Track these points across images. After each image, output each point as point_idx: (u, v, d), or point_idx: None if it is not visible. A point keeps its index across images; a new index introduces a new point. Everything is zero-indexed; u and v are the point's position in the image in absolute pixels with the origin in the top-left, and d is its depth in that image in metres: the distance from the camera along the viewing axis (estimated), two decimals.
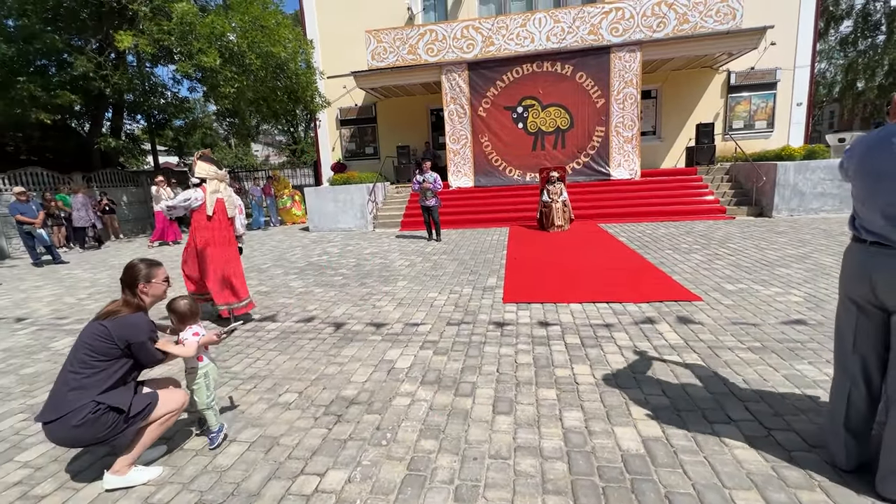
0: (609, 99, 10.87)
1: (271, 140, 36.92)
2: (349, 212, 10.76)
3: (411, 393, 2.76)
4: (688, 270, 5.26)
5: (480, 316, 4.10)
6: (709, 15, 10.26)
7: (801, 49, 11.88)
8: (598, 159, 11.21)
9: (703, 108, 12.57)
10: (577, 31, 10.78)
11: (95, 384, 1.97)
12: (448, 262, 6.43)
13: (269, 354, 3.51)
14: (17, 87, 10.46)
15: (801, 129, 12.31)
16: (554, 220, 8.51)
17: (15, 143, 14.32)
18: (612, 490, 1.85)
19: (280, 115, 13.88)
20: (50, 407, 1.94)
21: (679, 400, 2.50)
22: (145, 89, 12.39)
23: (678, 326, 3.59)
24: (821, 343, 3.13)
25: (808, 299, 4.05)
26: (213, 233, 4.20)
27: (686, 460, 2.01)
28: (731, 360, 2.96)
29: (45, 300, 5.76)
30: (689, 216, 9.39)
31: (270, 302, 4.97)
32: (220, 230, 4.25)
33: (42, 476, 2.18)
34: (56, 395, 1.96)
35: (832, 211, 8.84)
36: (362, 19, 12.64)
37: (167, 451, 2.31)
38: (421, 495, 1.88)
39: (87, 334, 2.03)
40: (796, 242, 6.50)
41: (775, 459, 1.98)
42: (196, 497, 1.96)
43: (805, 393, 2.51)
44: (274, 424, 2.50)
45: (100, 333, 2.01)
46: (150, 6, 10.05)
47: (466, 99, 11.44)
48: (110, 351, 2.02)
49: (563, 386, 2.74)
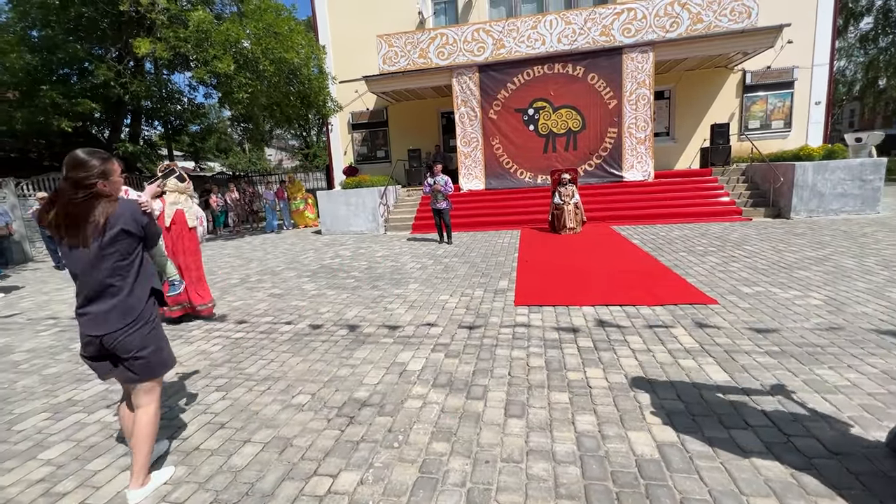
0: (621, 100, 10.78)
1: (284, 144, 37.41)
2: (361, 215, 10.84)
3: (423, 395, 2.76)
4: (703, 273, 5.17)
5: (492, 319, 4.09)
6: (723, 14, 10.12)
7: (819, 47, 11.63)
8: (610, 161, 11.11)
9: (717, 109, 12.38)
10: (588, 33, 10.73)
11: (137, 281, 1.98)
12: (459, 265, 6.44)
13: (282, 356, 3.55)
14: (41, 96, 10.80)
15: (820, 129, 12.04)
16: (566, 223, 8.46)
17: (38, 149, 14.75)
18: (627, 495, 1.83)
19: (293, 120, 14.07)
20: (114, 318, 1.90)
21: (694, 405, 2.46)
22: (162, 96, 12.68)
23: (693, 330, 3.53)
24: (842, 347, 3.05)
25: (829, 302, 3.95)
26: (172, 241, 4.52)
27: (702, 466, 1.98)
28: (748, 364, 2.90)
29: (67, 302, 5.91)
30: (704, 218, 9.25)
31: (284, 304, 5.03)
32: (180, 240, 4.55)
33: (64, 474, 2.23)
34: (112, 310, 1.90)
35: (853, 212, 8.62)
36: (374, 24, 12.76)
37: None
38: (433, 498, 1.89)
39: (108, 247, 1.89)
40: (815, 244, 6.35)
41: (795, 466, 1.94)
42: (212, 497, 1.99)
43: (826, 398, 2.45)
44: (287, 426, 2.53)
45: (119, 237, 1.90)
46: (167, 14, 10.30)
47: (477, 102, 11.46)
48: (133, 245, 1.96)
49: (576, 389, 2.71)
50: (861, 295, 4.09)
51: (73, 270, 1.91)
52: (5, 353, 4.11)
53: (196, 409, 2.79)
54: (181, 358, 3.64)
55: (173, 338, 4.15)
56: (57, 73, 12.11)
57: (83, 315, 1.93)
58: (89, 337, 1.92)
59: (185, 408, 2.82)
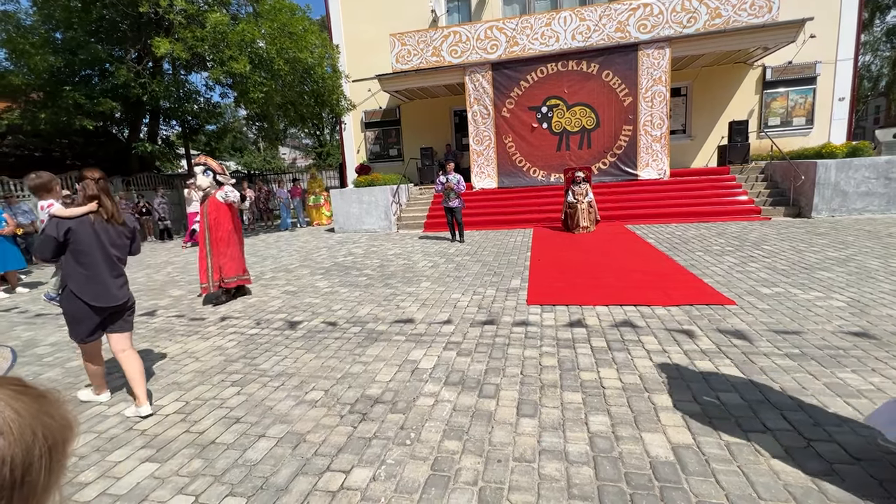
0: (637, 97, 10.62)
1: (298, 143, 37.79)
2: (373, 213, 10.89)
3: (435, 393, 2.77)
4: (720, 273, 5.08)
5: (504, 317, 4.08)
6: (742, 8, 9.88)
7: (843, 41, 11.29)
8: (624, 159, 10.96)
9: (736, 105, 12.12)
10: (603, 29, 10.59)
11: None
12: (471, 264, 6.42)
13: (296, 353, 3.59)
14: (64, 96, 11.08)
15: (844, 126, 11.70)
16: (579, 222, 8.38)
17: (61, 149, 15.15)
18: (640, 497, 1.81)
19: (307, 119, 14.20)
20: (119, 296, 2.77)
21: (711, 407, 2.42)
22: (180, 96, 12.90)
23: (710, 331, 3.47)
24: (865, 350, 2.97)
25: (852, 304, 3.84)
26: (212, 229, 5.16)
27: (719, 469, 1.94)
28: (766, 366, 2.84)
29: None
30: (722, 217, 9.07)
31: (297, 301, 5.09)
32: (217, 226, 5.18)
33: (85, 464, 2.29)
34: (116, 290, 2.75)
35: (878, 211, 8.36)
36: (387, 23, 12.79)
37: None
38: (445, 496, 1.89)
39: (115, 242, 2.74)
40: (838, 244, 6.18)
41: (815, 472, 1.89)
42: (227, 489, 2.02)
43: (848, 402, 2.38)
44: (301, 421, 2.56)
45: (127, 233, 2.83)
46: (184, 15, 10.48)
47: (490, 100, 11.41)
48: (128, 243, 2.86)
49: (589, 390, 2.69)
50: (886, 297, 3.96)
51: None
52: (31, 346, 4.23)
53: (212, 403, 2.85)
54: (197, 353, 3.71)
55: (189, 333, 4.23)
56: (79, 74, 12.42)
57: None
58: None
59: (201, 402, 2.87)
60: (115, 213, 2.72)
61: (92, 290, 2.64)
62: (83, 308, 2.63)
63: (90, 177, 2.65)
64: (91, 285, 2.64)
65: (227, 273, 5.14)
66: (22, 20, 11.85)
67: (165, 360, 3.64)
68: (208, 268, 5.08)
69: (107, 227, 2.70)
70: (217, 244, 5.09)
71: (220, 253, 5.10)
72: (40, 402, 0.53)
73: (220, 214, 5.10)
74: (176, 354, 3.74)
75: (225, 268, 5.12)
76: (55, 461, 0.51)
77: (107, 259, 2.69)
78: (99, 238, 2.66)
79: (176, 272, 7.48)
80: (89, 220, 2.63)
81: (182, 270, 7.60)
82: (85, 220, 2.61)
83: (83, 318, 2.67)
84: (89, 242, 2.62)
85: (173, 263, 8.43)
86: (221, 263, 5.10)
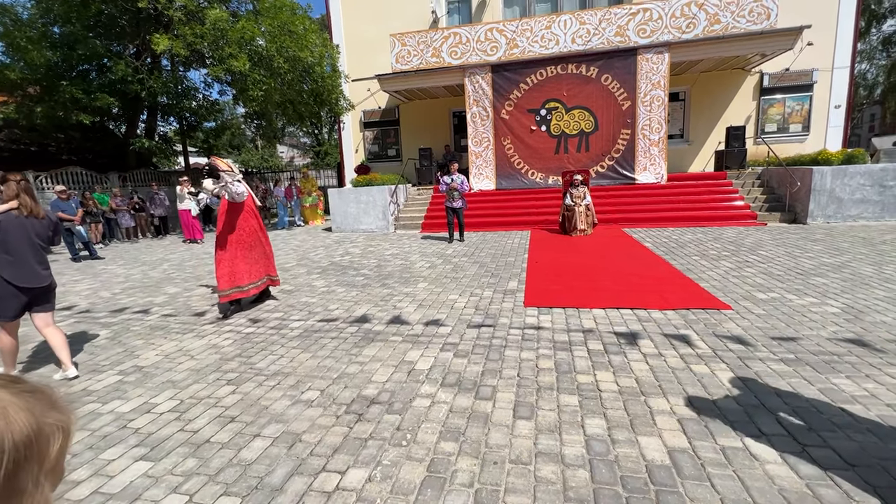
0: (635, 101, 10.67)
1: (296, 142, 37.73)
2: (371, 213, 10.88)
3: (431, 394, 2.76)
4: (716, 278, 5.10)
5: (501, 319, 4.08)
6: (741, 15, 9.96)
7: (840, 49, 11.39)
8: (622, 163, 11.01)
9: (733, 111, 12.20)
10: (602, 33, 10.64)
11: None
12: (469, 265, 6.42)
13: (292, 352, 3.57)
14: (61, 91, 11.01)
15: (840, 133, 11.80)
16: (576, 224, 8.40)
17: (57, 143, 15.05)
18: (636, 501, 1.81)
19: (305, 118, 14.17)
20: (44, 278, 3.25)
21: (706, 411, 2.43)
22: (178, 92, 12.83)
23: (706, 335, 3.48)
24: (859, 356, 2.99)
25: (846, 310, 3.87)
26: (236, 231, 4.73)
27: (714, 473, 1.95)
28: (762, 371, 2.85)
29: (82, 294, 6.02)
30: (718, 222, 9.12)
31: (294, 301, 5.07)
32: (240, 229, 4.76)
33: (78, 462, 2.27)
34: (41, 273, 3.22)
35: (872, 218, 8.44)
36: (387, 23, 12.80)
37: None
38: (441, 497, 1.88)
39: (38, 233, 3.20)
40: (833, 250, 6.23)
41: (810, 476, 1.90)
42: (222, 489, 2.01)
43: (842, 408, 2.40)
44: (296, 421, 2.54)
45: (48, 227, 3.28)
46: (184, 12, 10.43)
47: (489, 101, 11.42)
48: (51, 235, 3.32)
49: (586, 392, 2.69)
50: (880, 303, 3.99)
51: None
52: (24, 342, 4.19)
53: (207, 402, 2.83)
54: (192, 352, 3.69)
55: (184, 331, 4.21)
56: (77, 69, 12.33)
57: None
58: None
59: (196, 401, 2.85)
60: (34, 209, 3.20)
61: (18, 273, 3.11)
62: (10, 289, 3.11)
63: (12, 179, 3.15)
64: (17, 269, 3.11)
65: (240, 280, 4.62)
66: (20, 14, 11.76)
67: (160, 358, 3.62)
68: (229, 273, 4.61)
69: (31, 221, 3.20)
70: (233, 246, 4.66)
71: (236, 257, 4.66)
72: (37, 398, 0.52)
73: (235, 215, 4.66)
74: (171, 352, 3.71)
75: (239, 272, 4.64)
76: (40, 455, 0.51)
77: (31, 247, 3.18)
78: (25, 229, 3.16)
79: (172, 269, 7.44)
80: (13, 215, 3.12)
81: (178, 268, 7.56)
82: (10, 215, 3.11)
83: (9, 297, 3.13)
84: (15, 233, 3.11)
85: (169, 260, 8.38)
86: (235, 268, 4.63)
